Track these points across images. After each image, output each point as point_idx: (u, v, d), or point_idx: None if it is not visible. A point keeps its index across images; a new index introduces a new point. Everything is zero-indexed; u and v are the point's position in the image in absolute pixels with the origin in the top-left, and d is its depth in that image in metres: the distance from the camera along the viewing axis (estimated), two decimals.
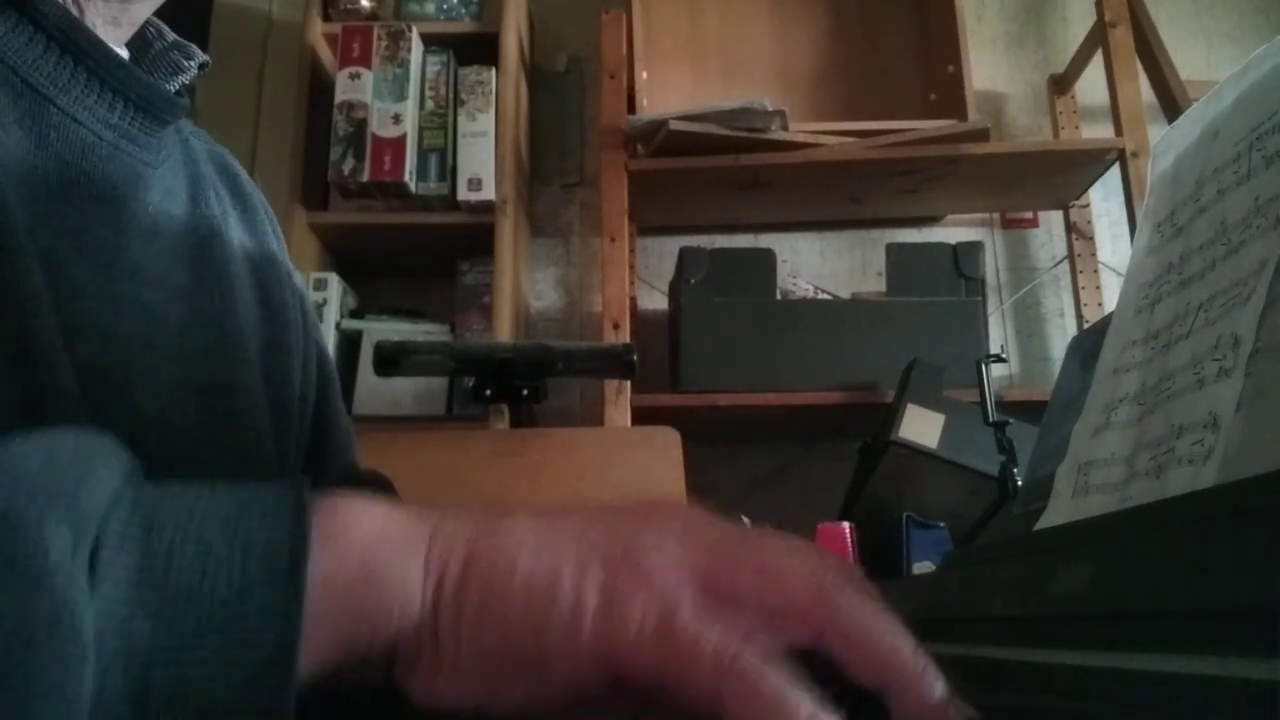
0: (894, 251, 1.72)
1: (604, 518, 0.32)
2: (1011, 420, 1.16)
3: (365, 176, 1.70)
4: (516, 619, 0.29)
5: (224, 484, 0.30)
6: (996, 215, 2.00)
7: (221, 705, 0.26)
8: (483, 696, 0.30)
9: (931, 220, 1.99)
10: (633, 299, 1.87)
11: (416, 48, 1.79)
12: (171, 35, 0.56)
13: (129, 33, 0.53)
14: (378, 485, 0.72)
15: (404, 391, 1.71)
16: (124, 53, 0.52)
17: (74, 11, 0.49)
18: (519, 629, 0.29)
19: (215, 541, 0.27)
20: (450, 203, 1.76)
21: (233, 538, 0.28)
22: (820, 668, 0.30)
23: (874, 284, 1.89)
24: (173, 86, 0.55)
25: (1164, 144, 0.55)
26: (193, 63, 0.56)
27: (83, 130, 0.48)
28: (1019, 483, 1.09)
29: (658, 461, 1.15)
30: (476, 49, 1.81)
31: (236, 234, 0.61)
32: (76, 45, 0.47)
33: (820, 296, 1.79)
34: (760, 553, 0.32)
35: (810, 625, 0.30)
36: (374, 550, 0.29)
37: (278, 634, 0.27)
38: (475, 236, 1.75)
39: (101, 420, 0.43)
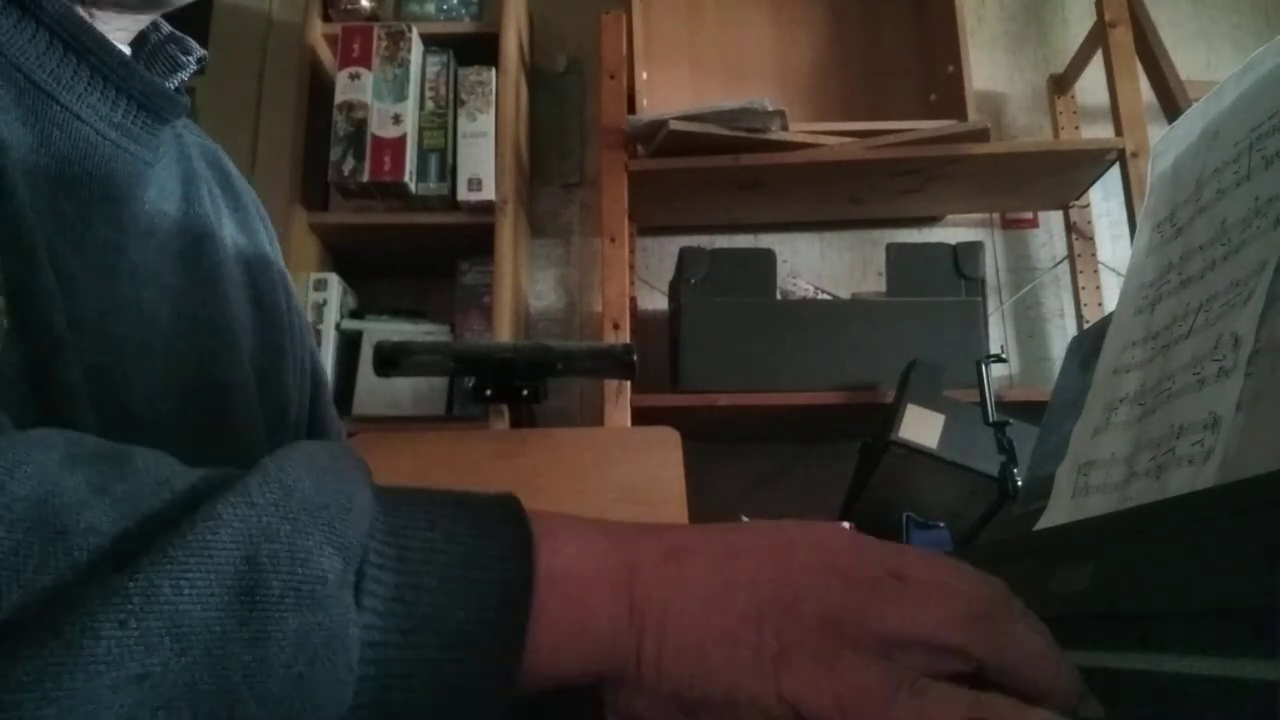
0: (894, 251, 1.72)
1: (775, 559, 0.34)
2: (1011, 420, 1.16)
3: (365, 177, 1.70)
4: (710, 663, 0.33)
5: (459, 508, 0.33)
6: (996, 215, 2.00)
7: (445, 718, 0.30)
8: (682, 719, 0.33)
9: (931, 220, 1.99)
10: (633, 299, 1.87)
11: (416, 48, 1.79)
12: (168, 28, 0.55)
13: (133, 34, 0.53)
14: None
15: (404, 391, 1.71)
16: (126, 49, 0.52)
17: (85, 17, 0.48)
18: (712, 671, 0.32)
19: (455, 578, 0.31)
20: (450, 203, 1.76)
21: (470, 574, 0.31)
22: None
23: (874, 284, 1.89)
24: (172, 84, 0.55)
25: (1164, 144, 0.55)
26: (191, 58, 0.55)
27: (85, 128, 0.48)
28: (1019, 483, 1.09)
29: (658, 461, 1.15)
30: (476, 49, 1.81)
31: (230, 233, 0.61)
32: (79, 43, 0.47)
33: (820, 296, 1.79)
34: (919, 575, 0.34)
35: (969, 658, 0.32)
36: (588, 592, 0.33)
37: (503, 664, 0.31)
38: (475, 236, 1.75)
39: (103, 416, 0.44)
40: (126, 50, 0.52)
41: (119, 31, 0.51)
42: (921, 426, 1.40)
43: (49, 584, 0.26)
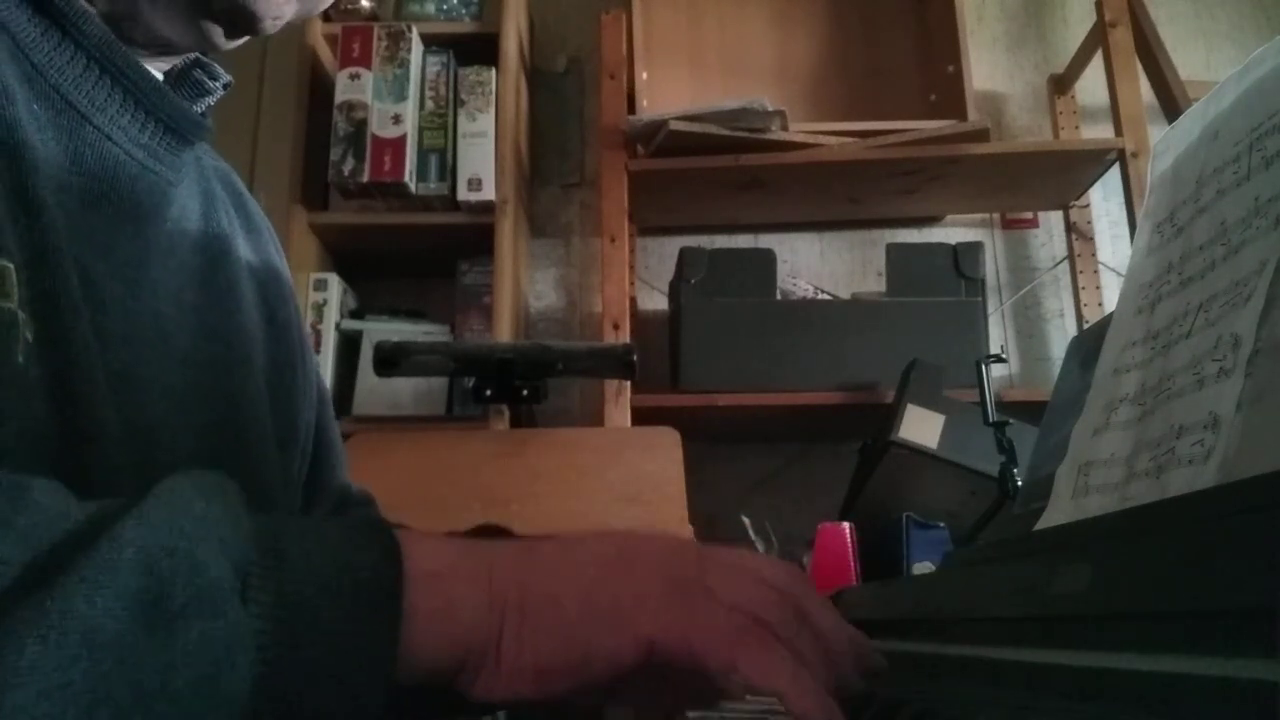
0: (894, 251, 1.72)
1: (614, 541, 0.41)
2: (1011, 420, 1.16)
3: (365, 177, 1.70)
4: (567, 630, 0.37)
5: (328, 525, 0.37)
6: (996, 215, 2.00)
7: (331, 708, 0.33)
8: (535, 691, 0.37)
9: (931, 220, 1.99)
10: (633, 299, 1.87)
11: (416, 48, 1.79)
12: (194, 53, 0.57)
13: (170, 64, 0.55)
14: (366, 503, 0.75)
15: (404, 391, 1.71)
16: (159, 74, 0.54)
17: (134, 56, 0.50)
18: (570, 637, 0.37)
19: (332, 583, 0.34)
20: (450, 203, 1.76)
21: (344, 578, 0.34)
22: None
23: (874, 284, 1.89)
24: (199, 108, 0.57)
25: (1164, 144, 0.55)
26: (218, 83, 0.58)
27: (115, 149, 0.50)
28: (1019, 483, 1.09)
29: (658, 461, 1.15)
30: (476, 49, 1.81)
31: (244, 253, 0.63)
32: (115, 66, 0.49)
33: (820, 296, 1.79)
34: (729, 555, 0.42)
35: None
36: (450, 587, 0.37)
37: (380, 660, 0.34)
38: (475, 236, 1.74)
39: (125, 425, 0.46)
40: (159, 75, 0.54)
41: (157, 60, 0.54)
42: (921, 426, 1.40)
43: None
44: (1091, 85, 1.92)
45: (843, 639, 0.42)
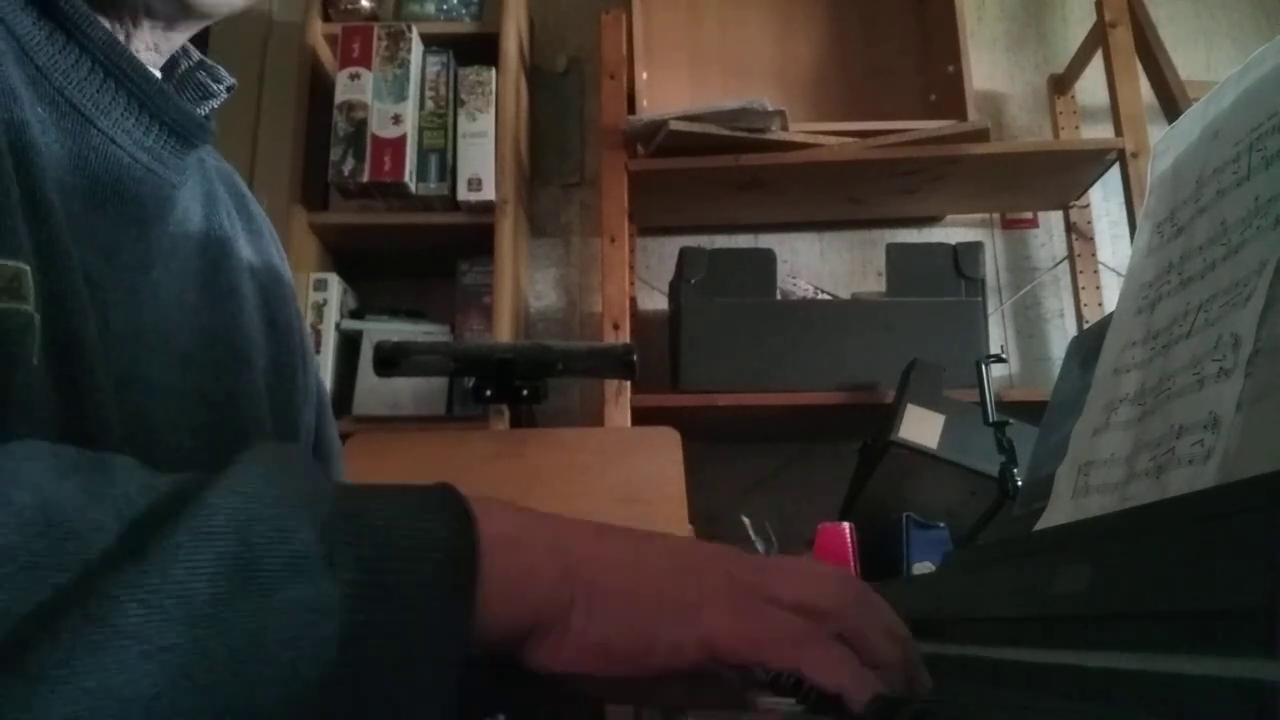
0: (894, 251, 1.72)
1: (679, 543, 0.43)
2: (1011, 420, 1.16)
3: (365, 177, 1.70)
4: (637, 616, 0.38)
5: (405, 492, 0.38)
6: (996, 215, 2.00)
7: (411, 669, 0.34)
8: (594, 668, 0.38)
9: (931, 220, 1.99)
10: (633, 299, 1.87)
11: (416, 48, 1.79)
12: (197, 55, 0.59)
13: (166, 57, 0.56)
14: None
15: (404, 391, 1.71)
16: (157, 73, 0.54)
17: (120, 37, 0.51)
18: (638, 623, 0.38)
19: (411, 549, 0.35)
20: (450, 203, 1.76)
21: (423, 544, 0.35)
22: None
23: (874, 284, 1.89)
24: (203, 110, 0.57)
25: (1164, 144, 0.55)
26: (221, 86, 0.58)
27: (120, 152, 0.50)
28: (1019, 483, 1.09)
29: (658, 461, 1.15)
30: (476, 49, 1.81)
31: (246, 254, 0.63)
32: (119, 69, 0.49)
33: (820, 296, 1.79)
34: (788, 560, 0.43)
35: (833, 622, 0.39)
36: (525, 553, 0.38)
37: (458, 623, 0.34)
38: (475, 236, 1.75)
39: (127, 427, 0.47)
40: (158, 74, 0.54)
41: (150, 52, 0.54)
42: (921, 426, 1.40)
43: (71, 577, 0.29)
44: (1091, 85, 1.92)
45: (902, 635, 0.42)
